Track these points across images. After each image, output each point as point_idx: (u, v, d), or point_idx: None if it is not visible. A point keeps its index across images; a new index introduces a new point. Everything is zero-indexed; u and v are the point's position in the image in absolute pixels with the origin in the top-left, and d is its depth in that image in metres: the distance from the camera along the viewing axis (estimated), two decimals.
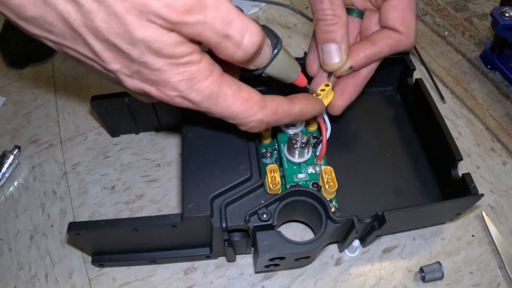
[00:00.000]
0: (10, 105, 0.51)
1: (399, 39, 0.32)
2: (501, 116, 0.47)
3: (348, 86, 0.35)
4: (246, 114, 0.26)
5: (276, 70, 0.29)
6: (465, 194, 0.34)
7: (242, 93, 0.26)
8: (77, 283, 0.37)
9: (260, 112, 0.27)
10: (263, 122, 0.27)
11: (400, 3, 0.31)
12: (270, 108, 0.27)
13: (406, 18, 0.32)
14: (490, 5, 0.61)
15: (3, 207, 0.42)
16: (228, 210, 0.32)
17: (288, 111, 0.29)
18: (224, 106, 0.25)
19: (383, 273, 0.36)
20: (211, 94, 0.24)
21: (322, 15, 0.31)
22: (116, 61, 0.22)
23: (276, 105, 0.28)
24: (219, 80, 0.24)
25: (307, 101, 0.31)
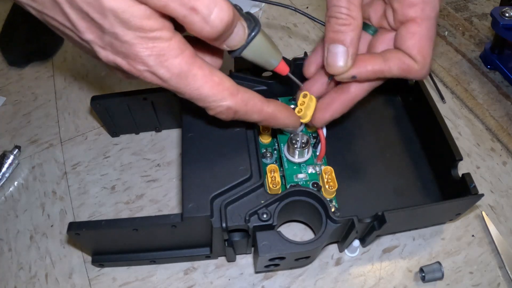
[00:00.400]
0: (10, 105, 0.51)
1: (412, 66, 0.30)
2: (501, 116, 0.47)
3: (334, 102, 0.33)
4: (214, 98, 0.26)
5: (254, 54, 0.28)
6: (465, 194, 0.34)
7: (214, 77, 0.26)
8: (77, 283, 0.37)
9: (230, 98, 0.26)
10: (231, 109, 0.27)
11: (419, 30, 0.29)
12: (241, 98, 0.27)
13: (424, 48, 0.29)
14: (490, 5, 0.61)
15: (3, 207, 0.42)
16: (228, 210, 0.32)
17: (260, 107, 0.29)
18: (193, 87, 0.25)
19: (383, 273, 0.36)
20: (180, 73, 0.24)
21: (335, 12, 0.29)
22: (90, 31, 0.22)
23: (248, 97, 0.28)
24: (190, 60, 0.24)
25: (283, 108, 0.30)
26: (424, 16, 0.28)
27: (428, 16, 0.28)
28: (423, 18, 0.28)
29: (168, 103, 0.42)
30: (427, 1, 0.28)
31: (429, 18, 0.29)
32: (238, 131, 0.36)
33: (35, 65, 0.55)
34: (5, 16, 0.57)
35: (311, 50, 0.56)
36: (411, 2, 0.28)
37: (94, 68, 0.54)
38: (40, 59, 0.56)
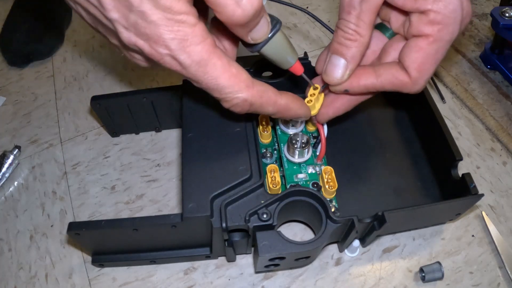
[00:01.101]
0: (10, 105, 0.51)
1: (405, 82, 0.29)
2: (501, 116, 0.47)
3: (337, 100, 0.34)
4: (231, 89, 0.26)
5: (273, 51, 0.29)
6: (465, 194, 0.34)
7: (232, 68, 0.26)
8: (77, 283, 0.37)
9: (246, 90, 0.27)
10: (247, 102, 0.27)
11: (427, 47, 0.28)
12: (256, 90, 0.27)
13: (424, 66, 0.28)
14: (490, 5, 0.61)
15: (3, 207, 0.42)
16: (228, 210, 0.32)
17: (274, 100, 0.29)
18: (211, 76, 0.25)
19: (383, 273, 0.36)
20: (200, 61, 0.24)
21: (343, 26, 0.29)
22: (116, 9, 0.23)
23: (263, 89, 0.28)
24: (211, 49, 0.25)
25: (295, 99, 0.31)
26: (438, 36, 0.27)
27: (442, 38, 0.27)
28: (437, 38, 0.27)
29: (168, 103, 0.42)
30: (447, 23, 0.27)
31: (443, 40, 0.27)
32: (238, 131, 0.36)
33: (35, 65, 0.55)
34: (5, 16, 0.57)
35: (311, 50, 0.56)
36: (430, 20, 0.27)
37: (94, 68, 0.54)
38: (40, 59, 0.56)
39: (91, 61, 0.55)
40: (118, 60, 0.55)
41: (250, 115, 0.37)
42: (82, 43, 0.58)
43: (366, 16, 0.27)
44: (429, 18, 0.27)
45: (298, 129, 0.39)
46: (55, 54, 0.57)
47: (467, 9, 0.27)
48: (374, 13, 0.28)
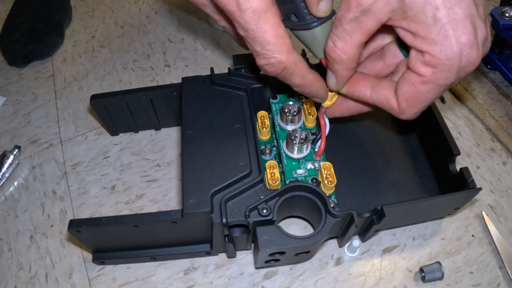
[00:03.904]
0: (10, 105, 0.51)
1: (393, 108, 0.29)
2: (501, 116, 0.47)
3: (344, 103, 0.34)
4: (273, 47, 0.27)
5: (320, 36, 0.30)
6: (464, 189, 0.34)
7: (280, 28, 0.27)
8: (77, 283, 0.37)
9: (286, 54, 0.27)
10: (282, 64, 0.28)
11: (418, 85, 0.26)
12: (294, 57, 0.28)
13: (413, 102, 0.28)
14: (490, 5, 0.61)
15: (3, 207, 0.42)
16: (228, 205, 0.32)
17: (305, 73, 0.30)
18: (261, 28, 0.26)
19: (383, 273, 0.36)
20: (257, 9, 0.25)
21: (331, 40, 0.28)
22: None
23: (300, 59, 0.29)
24: (269, 4, 0.26)
25: (320, 79, 0.32)
26: (431, 78, 0.25)
27: (436, 82, 0.26)
28: (430, 80, 0.26)
29: (167, 101, 0.42)
30: (442, 69, 0.25)
31: (436, 84, 0.26)
32: (238, 128, 0.36)
33: (35, 65, 0.55)
34: (5, 16, 0.57)
35: None
36: (426, 62, 0.25)
37: (94, 68, 0.54)
38: (40, 59, 0.56)
39: (91, 61, 0.55)
40: (118, 60, 0.55)
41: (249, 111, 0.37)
42: (82, 43, 0.58)
43: (354, 36, 0.26)
44: (425, 59, 0.25)
45: (296, 126, 0.40)
46: (55, 54, 0.57)
47: (468, 58, 0.24)
48: (364, 35, 0.26)
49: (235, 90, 0.39)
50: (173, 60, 0.55)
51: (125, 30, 0.59)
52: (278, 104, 0.41)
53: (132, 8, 0.63)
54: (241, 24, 0.26)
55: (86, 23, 0.61)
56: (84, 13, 0.62)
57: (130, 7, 0.63)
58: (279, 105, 0.41)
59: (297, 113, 0.39)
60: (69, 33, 0.59)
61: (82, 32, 0.60)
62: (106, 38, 0.59)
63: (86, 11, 0.63)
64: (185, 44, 0.57)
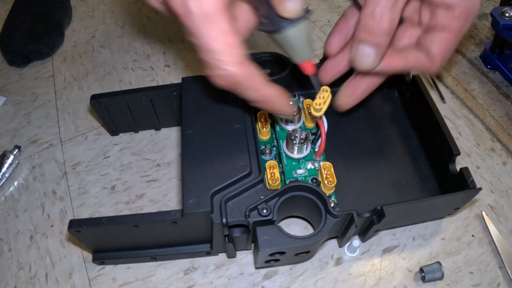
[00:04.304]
0: (10, 105, 0.51)
1: (428, 66, 0.31)
2: (501, 116, 0.47)
3: (360, 87, 0.35)
4: (222, 58, 0.24)
5: (296, 36, 0.28)
6: (463, 189, 0.34)
7: (233, 37, 0.24)
8: (77, 283, 0.37)
9: (236, 65, 0.25)
10: (232, 77, 0.26)
11: (450, 39, 0.30)
12: (247, 70, 0.26)
13: (447, 54, 0.31)
14: (490, 5, 0.61)
15: (3, 207, 0.42)
16: (228, 205, 0.32)
17: (260, 87, 0.27)
18: (210, 35, 0.24)
19: (383, 273, 0.36)
20: (207, 13, 0.23)
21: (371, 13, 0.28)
22: None
23: (254, 72, 0.26)
24: (222, 8, 0.24)
25: (282, 95, 0.30)
26: (460, 30, 0.29)
27: (463, 31, 0.30)
28: (459, 31, 0.29)
29: (167, 101, 0.42)
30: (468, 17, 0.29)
31: (462, 32, 0.30)
32: (238, 128, 0.36)
33: (35, 65, 0.55)
34: (5, 16, 0.57)
35: None
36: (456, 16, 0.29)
37: (94, 68, 0.54)
38: (40, 59, 0.56)
39: (91, 61, 0.55)
40: (118, 60, 0.55)
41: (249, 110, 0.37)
42: (82, 43, 0.58)
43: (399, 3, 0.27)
44: (455, 13, 0.28)
45: (296, 126, 0.40)
46: (55, 54, 0.57)
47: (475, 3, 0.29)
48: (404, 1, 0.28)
49: None
50: (173, 60, 0.55)
51: (125, 30, 0.59)
52: None
53: (132, 8, 0.63)
54: (188, 28, 0.24)
55: (86, 23, 0.61)
56: (84, 13, 0.62)
57: (130, 7, 0.63)
58: None
59: (297, 113, 0.39)
60: (69, 33, 0.59)
61: (82, 32, 0.60)
62: (106, 38, 0.59)
63: (86, 11, 0.63)
64: (185, 44, 0.57)
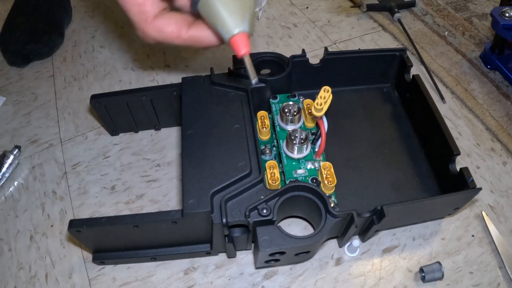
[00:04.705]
0: (10, 105, 0.51)
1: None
2: (501, 116, 0.47)
3: None
4: (134, 19, 0.26)
5: (211, 6, 0.24)
6: (463, 189, 0.34)
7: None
8: (77, 283, 0.37)
9: (144, 25, 0.26)
10: (146, 37, 0.27)
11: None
12: (155, 26, 0.26)
13: None
14: (490, 5, 0.61)
15: (3, 207, 0.42)
16: (228, 205, 0.32)
17: (177, 34, 0.27)
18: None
19: (383, 273, 0.36)
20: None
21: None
22: None
23: (164, 24, 0.27)
24: None
25: (203, 31, 0.28)
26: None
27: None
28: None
29: (167, 101, 0.42)
30: None
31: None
32: (238, 128, 0.36)
33: (35, 65, 0.55)
34: (5, 16, 0.57)
35: (311, 50, 0.56)
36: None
37: (94, 68, 0.54)
38: (40, 59, 0.56)
39: (91, 61, 0.55)
40: (118, 60, 0.55)
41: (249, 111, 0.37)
42: (82, 43, 0.58)
43: None
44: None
45: (296, 126, 0.40)
46: (55, 54, 0.57)
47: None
48: None
49: (235, 90, 0.39)
50: (173, 60, 0.55)
51: (125, 30, 0.59)
52: (278, 104, 0.41)
53: None
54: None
55: (86, 23, 0.61)
56: (84, 13, 0.62)
57: None
58: (279, 105, 0.41)
59: (297, 113, 0.39)
60: (69, 33, 0.59)
61: (82, 32, 0.60)
62: (106, 38, 0.59)
63: (86, 11, 0.63)
64: None
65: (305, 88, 0.43)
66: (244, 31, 0.25)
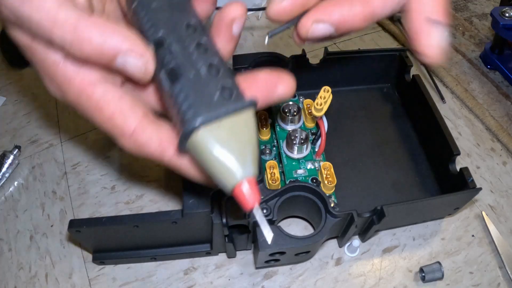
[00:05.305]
0: (10, 105, 0.51)
1: None
2: (501, 116, 0.47)
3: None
4: (110, 132, 0.22)
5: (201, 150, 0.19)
6: (463, 189, 0.34)
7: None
8: (77, 283, 0.37)
9: (121, 140, 0.22)
10: (125, 150, 0.23)
11: None
12: (134, 141, 0.22)
13: None
14: (490, 5, 0.61)
15: (3, 207, 0.42)
16: (228, 205, 0.32)
17: (160, 154, 0.22)
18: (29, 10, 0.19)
19: (383, 273, 0.36)
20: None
21: None
22: None
23: (146, 139, 0.22)
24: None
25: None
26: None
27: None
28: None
29: None
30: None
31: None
32: None
33: None
34: None
35: (311, 50, 0.56)
36: None
37: None
38: None
39: None
40: None
41: None
42: None
43: None
44: None
45: (296, 126, 0.40)
46: None
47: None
48: None
49: None
50: None
51: None
52: (278, 104, 0.41)
53: None
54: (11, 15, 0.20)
55: None
56: None
57: None
58: (279, 105, 0.41)
59: (297, 113, 0.39)
60: None
61: None
62: None
63: None
64: None
65: (305, 88, 0.43)
66: (254, 176, 0.19)
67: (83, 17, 0.19)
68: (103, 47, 0.20)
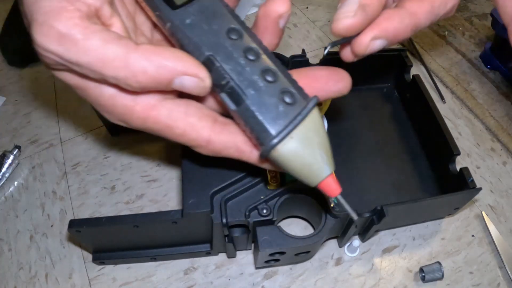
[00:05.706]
0: (10, 105, 0.51)
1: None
2: (501, 116, 0.47)
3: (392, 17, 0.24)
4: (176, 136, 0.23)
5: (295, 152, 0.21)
6: (463, 189, 0.34)
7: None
8: (77, 283, 0.37)
9: (200, 148, 0.23)
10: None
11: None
12: (212, 147, 0.23)
13: None
14: (490, 5, 0.61)
15: (3, 207, 0.42)
16: (228, 205, 0.32)
17: (239, 155, 0.23)
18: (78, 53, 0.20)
19: (383, 273, 0.36)
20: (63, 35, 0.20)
21: None
22: None
23: (223, 145, 0.23)
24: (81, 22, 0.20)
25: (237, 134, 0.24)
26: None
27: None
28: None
29: None
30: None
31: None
32: None
33: (35, 65, 0.55)
34: (5, 16, 0.57)
35: (311, 50, 0.56)
36: None
37: None
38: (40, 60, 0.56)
39: None
40: None
41: None
42: None
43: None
44: None
45: None
46: None
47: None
48: None
49: None
50: None
51: None
52: None
53: None
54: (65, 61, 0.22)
55: None
56: None
57: None
58: None
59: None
60: None
61: None
62: None
63: None
64: None
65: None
66: (332, 171, 0.22)
67: (131, 48, 0.20)
68: (159, 75, 0.20)
